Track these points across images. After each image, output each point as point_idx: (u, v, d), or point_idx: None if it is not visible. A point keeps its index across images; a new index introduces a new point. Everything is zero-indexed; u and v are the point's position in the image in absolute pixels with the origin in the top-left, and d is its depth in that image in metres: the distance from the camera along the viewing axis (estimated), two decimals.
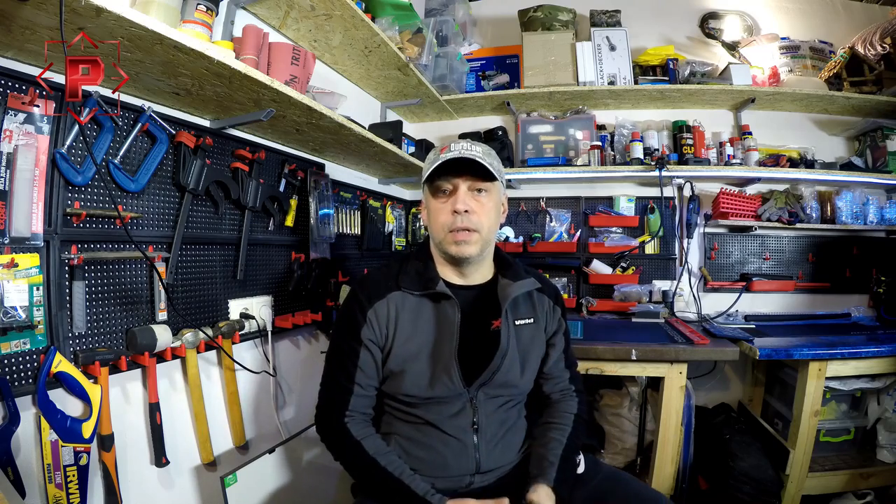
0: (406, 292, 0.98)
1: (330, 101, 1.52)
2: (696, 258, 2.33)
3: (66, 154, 0.92)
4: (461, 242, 0.95)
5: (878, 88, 2.19)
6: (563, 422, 1.03)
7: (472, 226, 0.94)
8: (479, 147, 0.97)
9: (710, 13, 2.44)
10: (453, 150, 0.95)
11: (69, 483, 0.89)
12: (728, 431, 1.86)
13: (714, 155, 2.24)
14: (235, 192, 1.30)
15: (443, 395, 0.94)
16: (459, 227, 0.94)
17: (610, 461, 1.94)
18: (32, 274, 0.86)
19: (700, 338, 1.68)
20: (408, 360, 0.95)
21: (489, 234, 0.99)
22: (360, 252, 1.99)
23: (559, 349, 1.09)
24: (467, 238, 0.95)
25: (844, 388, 1.77)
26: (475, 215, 0.95)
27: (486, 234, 0.97)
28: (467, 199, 0.94)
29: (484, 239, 0.97)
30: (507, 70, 2.47)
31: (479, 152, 0.95)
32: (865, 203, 2.17)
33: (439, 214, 0.97)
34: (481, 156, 0.94)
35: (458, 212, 0.94)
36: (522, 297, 1.04)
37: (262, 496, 1.23)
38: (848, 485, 1.73)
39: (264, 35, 1.23)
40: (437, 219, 0.97)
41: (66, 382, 0.90)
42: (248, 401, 1.40)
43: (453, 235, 0.95)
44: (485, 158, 0.94)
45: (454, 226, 0.94)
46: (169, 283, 1.12)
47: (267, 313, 1.43)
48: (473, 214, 0.95)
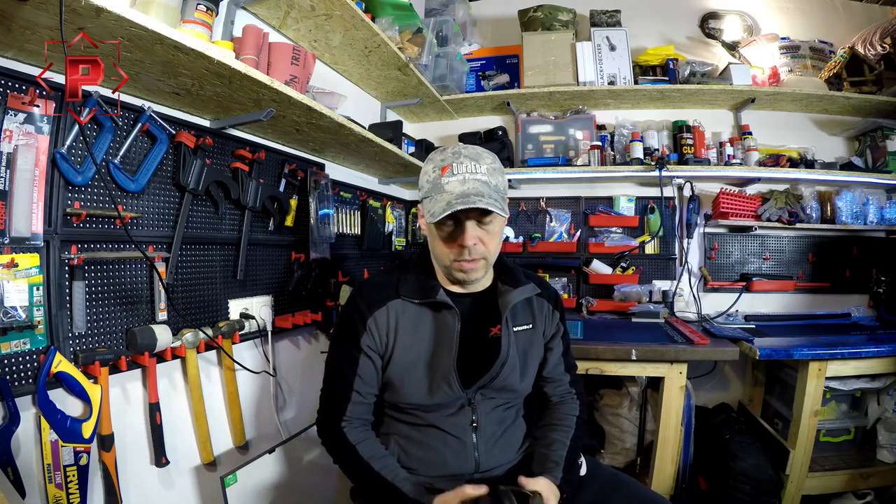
0: (406, 300, 0.97)
1: (330, 101, 1.52)
2: (696, 258, 2.33)
3: (66, 154, 0.92)
4: (469, 270, 0.93)
5: (878, 88, 2.19)
6: (565, 423, 1.02)
7: (479, 255, 0.92)
8: (483, 165, 0.90)
9: (710, 13, 2.44)
10: (456, 173, 0.87)
11: (69, 483, 0.89)
12: (728, 431, 1.86)
13: (714, 155, 2.24)
14: (235, 192, 1.30)
15: (442, 402, 0.95)
16: (467, 259, 0.91)
17: (610, 461, 1.95)
18: (32, 274, 0.86)
19: (700, 338, 1.68)
20: (407, 368, 0.95)
21: (494, 256, 0.97)
22: (360, 252, 1.99)
23: (557, 352, 1.08)
24: (474, 266, 0.92)
25: (844, 388, 1.77)
26: (482, 245, 0.92)
27: (492, 257, 0.96)
28: (474, 232, 0.90)
29: (490, 262, 0.96)
30: (507, 70, 2.47)
31: (485, 174, 0.89)
32: (865, 203, 2.17)
33: (444, 245, 0.93)
34: (486, 181, 0.88)
35: (466, 247, 0.89)
36: (521, 304, 1.03)
37: (262, 496, 1.23)
38: (848, 485, 1.73)
39: (264, 35, 1.23)
40: (441, 248, 0.93)
41: (66, 382, 0.90)
42: (248, 401, 1.40)
43: (460, 265, 0.92)
44: (489, 184, 0.88)
45: (461, 257, 0.91)
46: (169, 283, 1.12)
47: (267, 313, 1.43)
48: (480, 245, 0.92)
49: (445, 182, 0.88)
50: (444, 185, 0.88)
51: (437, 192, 0.89)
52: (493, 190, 0.89)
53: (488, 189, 0.88)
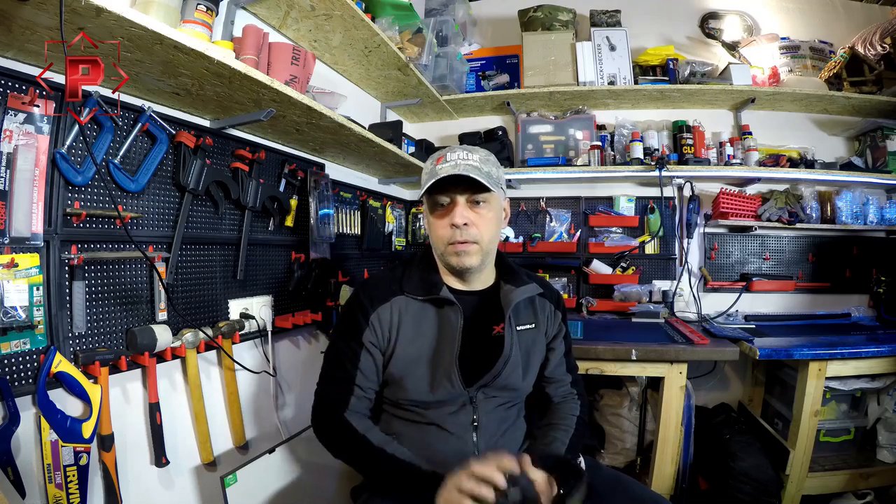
0: (409, 297, 0.98)
1: (330, 101, 1.52)
2: (696, 258, 2.33)
3: (66, 154, 0.92)
4: (462, 253, 0.95)
5: (878, 88, 2.19)
6: (565, 423, 1.03)
7: (472, 238, 0.94)
8: (476, 155, 0.95)
9: (710, 13, 2.44)
10: (449, 160, 0.94)
11: (69, 483, 0.89)
12: (728, 431, 1.86)
13: (714, 155, 2.24)
14: (235, 192, 1.30)
15: (443, 399, 0.95)
16: (458, 240, 0.94)
17: (610, 461, 1.95)
18: (32, 274, 0.86)
19: (700, 338, 1.68)
20: (409, 364, 0.95)
21: (490, 245, 0.98)
22: (360, 252, 1.99)
23: (559, 353, 1.09)
24: (467, 249, 0.95)
25: (844, 388, 1.77)
26: (474, 227, 0.94)
27: (487, 244, 0.97)
28: (465, 213, 0.94)
29: (484, 250, 0.97)
30: (507, 70, 2.47)
31: (477, 161, 0.94)
32: (865, 203, 2.17)
33: (438, 228, 0.97)
34: (478, 166, 0.93)
35: (457, 225, 0.93)
36: (524, 303, 1.04)
37: (262, 496, 1.23)
38: (848, 485, 1.73)
39: (264, 35, 1.23)
40: (436, 232, 0.98)
41: (66, 382, 0.90)
42: (248, 401, 1.40)
43: (453, 247, 0.95)
44: (481, 169, 0.92)
45: (453, 239, 0.94)
46: (169, 283, 1.12)
47: (267, 313, 1.43)
48: (472, 227, 0.94)
49: (440, 168, 0.94)
50: (437, 171, 0.93)
51: (431, 178, 0.94)
52: (485, 175, 0.92)
53: (479, 173, 0.92)
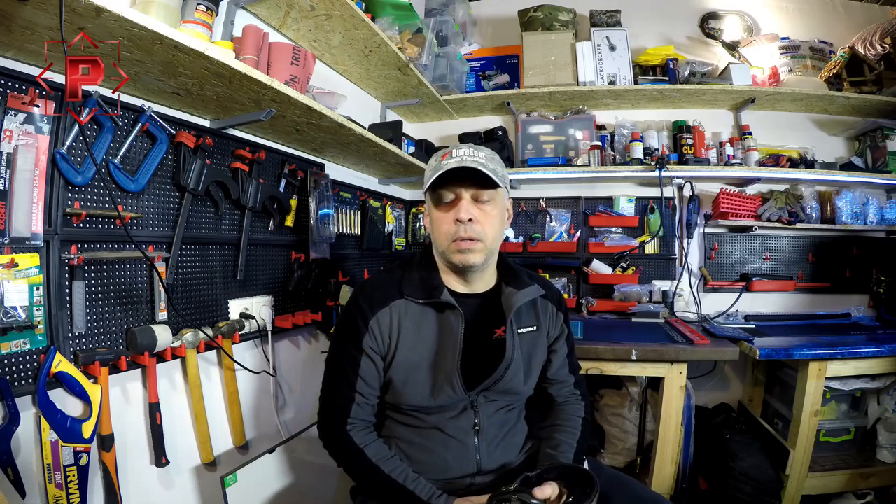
0: (409, 300, 0.96)
1: (330, 101, 1.52)
2: (696, 258, 2.33)
3: (66, 154, 0.92)
4: (465, 251, 0.93)
5: (878, 88, 2.19)
6: (571, 425, 1.02)
7: (476, 235, 0.92)
8: (481, 152, 0.94)
9: (710, 13, 2.44)
10: (455, 156, 0.92)
11: (69, 483, 0.89)
12: (728, 431, 1.86)
13: (714, 155, 2.24)
14: (235, 192, 1.30)
15: (444, 404, 0.94)
16: (462, 237, 0.92)
17: (610, 461, 1.95)
18: (32, 274, 0.86)
19: (700, 338, 1.68)
20: (410, 369, 0.94)
21: (493, 243, 0.97)
22: (360, 252, 1.99)
23: (562, 355, 1.08)
24: (471, 246, 0.93)
25: (844, 388, 1.77)
26: (478, 224, 0.93)
27: (491, 242, 0.96)
28: (470, 209, 0.92)
29: (488, 248, 0.95)
30: (507, 70, 2.47)
31: (482, 158, 0.92)
32: (865, 203, 2.17)
33: (442, 224, 0.94)
34: (484, 162, 0.91)
35: (461, 221, 0.91)
36: (526, 305, 1.02)
37: (262, 496, 1.23)
38: (848, 485, 1.74)
39: (264, 35, 1.23)
40: (439, 228, 0.95)
41: (66, 382, 0.90)
42: (248, 401, 1.40)
43: (457, 244, 0.93)
44: (487, 165, 0.91)
45: (457, 235, 0.92)
46: (169, 283, 1.12)
47: (267, 313, 1.43)
48: (477, 224, 0.92)
49: (444, 164, 0.92)
50: (443, 165, 0.92)
51: (436, 172, 0.92)
52: (490, 171, 0.91)
53: (486, 168, 0.91)
